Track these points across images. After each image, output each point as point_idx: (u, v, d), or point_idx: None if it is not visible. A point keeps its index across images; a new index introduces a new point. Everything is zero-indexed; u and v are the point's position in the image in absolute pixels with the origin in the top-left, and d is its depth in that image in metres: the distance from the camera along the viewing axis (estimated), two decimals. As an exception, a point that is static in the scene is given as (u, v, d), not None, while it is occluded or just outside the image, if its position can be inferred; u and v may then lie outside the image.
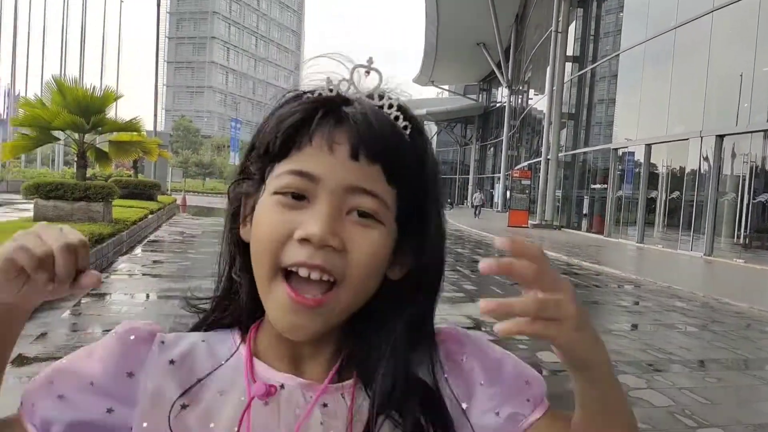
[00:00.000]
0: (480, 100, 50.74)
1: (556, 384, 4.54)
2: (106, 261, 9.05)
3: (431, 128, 56.48)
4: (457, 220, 26.14)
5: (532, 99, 34.66)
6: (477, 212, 30.43)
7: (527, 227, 22.72)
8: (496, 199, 41.25)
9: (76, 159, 13.96)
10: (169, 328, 0.62)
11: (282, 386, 0.57)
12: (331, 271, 0.53)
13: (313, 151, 0.54)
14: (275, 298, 0.54)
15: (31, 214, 11.67)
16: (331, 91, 0.57)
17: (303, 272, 0.52)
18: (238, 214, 0.61)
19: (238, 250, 0.61)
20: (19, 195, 13.41)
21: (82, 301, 6.26)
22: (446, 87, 55.52)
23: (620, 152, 19.32)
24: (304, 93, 0.58)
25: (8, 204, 17.75)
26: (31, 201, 11.69)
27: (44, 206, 11.36)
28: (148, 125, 21.69)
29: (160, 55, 31.32)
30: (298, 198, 0.54)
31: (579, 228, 22.22)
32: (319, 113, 0.54)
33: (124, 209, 13.99)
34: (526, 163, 31.62)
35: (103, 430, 0.56)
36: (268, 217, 0.54)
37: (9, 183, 26.81)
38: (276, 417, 0.56)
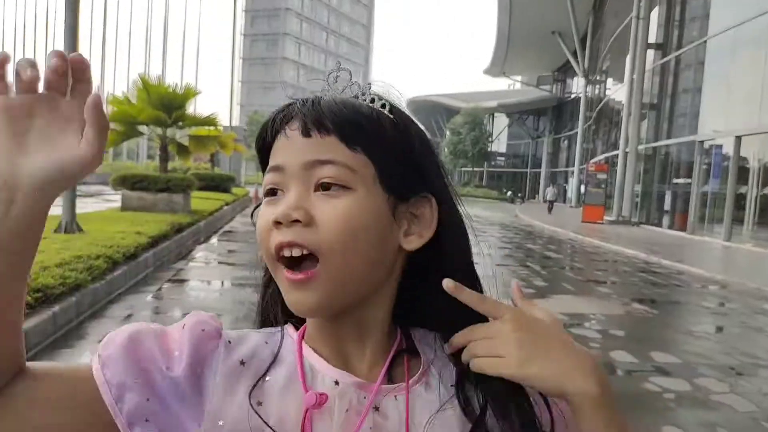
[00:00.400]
0: (554, 91, 49.20)
1: (631, 384, 4.35)
2: (185, 249, 9.49)
3: (502, 121, 55.45)
4: (528, 215, 25.55)
5: (609, 89, 33.24)
6: (550, 207, 29.09)
7: (602, 223, 21.86)
8: (569, 194, 39.95)
9: (158, 152, 14.73)
10: (243, 315, 0.63)
11: (336, 383, 0.58)
12: (303, 243, 0.54)
13: (276, 146, 0.59)
14: (281, 281, 0.57)
15: (118, 204, 12.42)
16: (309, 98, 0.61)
17: (286, 252, 0.55)
18: None
19: None
20: (108, 186, 14.29)
21: (163, 287, 6.60)
22: (518, 78, 54.25)
23: (706, 145, 18.17)
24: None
25: (98, 195, 18.96)
26: (119, 192, 12.44)
27: (130, 197, 12.06)
28: (224, 120, 22.54)
29: (235, 53, 32.40)
30: (275, 193, 0.58)
31: (660, 225, 21.13)
32: (277, 116, 0.60)
33: (201, 201, 14.61)
34: (602, 156, 30.40)
35: (165, 412, 0.55)
36: (259, 219, 0.58)
37: (98, 175, 28.60)
38: (330, 418, 0.57)
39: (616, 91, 29.77)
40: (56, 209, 8.74)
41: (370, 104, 0.59)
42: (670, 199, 20.97)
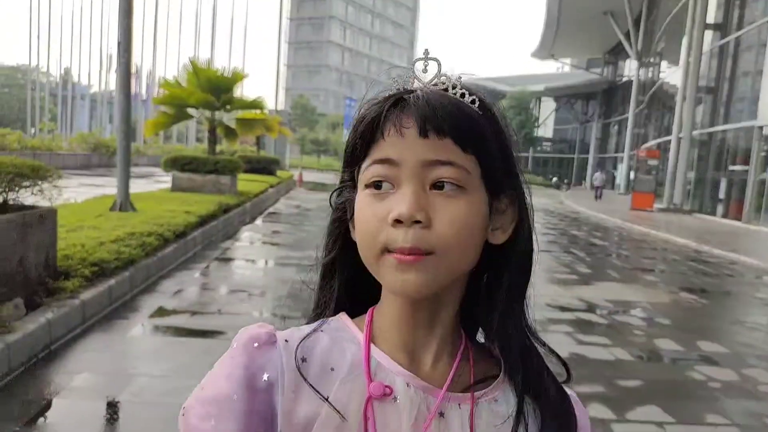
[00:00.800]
0: (604, 74, 47.66)
1: (676, 372, 4.28)
2: (231, 229, 9.75)
3: (549, 105, 54.17)
4: (574, 201, 25.02)
5: (664, 72, 31.99)
6: (598, 194, 27.93)
7: (652, 211, 21.23)
8: (618, 181, 38.85)
9: (207, 135, 15.08)
10: (287, 293, 0.66)
11: (408, 385, 0.60)
12: (422, 248, 0.56)
13: (387, 140, 0.58)
14: (385, 266, 0.58)
15: (169, 185, 12.82)
16: (396, 89, 0.61)
17: (399, 257, 0.56)
18: (340, 220, 0.67)
19: (343, 251, 0.66)
20: (159, 168, 14.75)
21: (211, 265, 6.82)
22: (567, 61, 52.78)
23: (766, 131, 17.34)
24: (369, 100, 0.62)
25: (149, 176, 19.60)
26: (169, 173, 12.83)
27: (180, 178, 12.43)
28: (269, 104, 22.83)
29: (281, 36, 32.67)
30: (384, 185, 0.58)
31: (713, 213, 20.36)
32: (386, 107, 0.59)
33: (247, 182, 14.92)
34: (654, 142, 29.40)
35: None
36: (365, 208, 0.59)
37: (149, 157, 29.54)
38: (398, 415, 0.58)
39: (671, 74, 28.64)
40: (111, 189, 9.11)
41: (463, 99, 0.60)
42: (725, 186, 20.13)
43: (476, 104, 0.61)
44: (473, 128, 0.59)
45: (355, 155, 0.61)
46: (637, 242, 12.68)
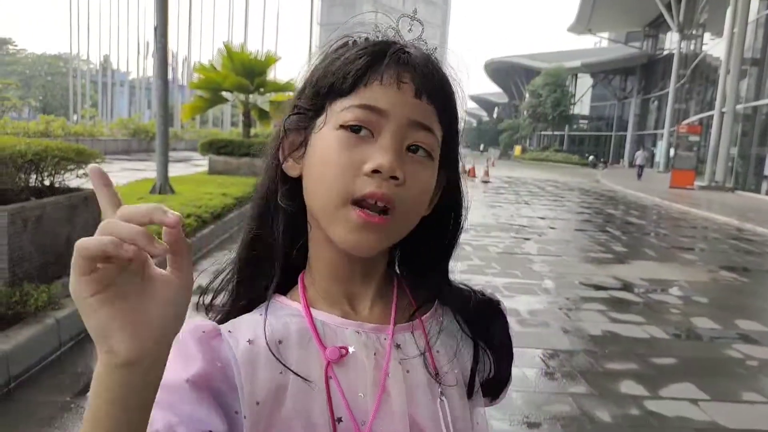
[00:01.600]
0: (644, 47, 46.10)
1: (713, 350, 4.22)
2: (267, 211, 9.92)
3: (586, 81, 52.78)
4: (611, 180, 24.49)
5: (706, 44, 30.81)
6: (639, 173, 26.51)
7: (692, 188, 20.63)
8: (657, 158, 37.77)
9: (242, 119, 15.29)
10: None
11: (358, 332, 0.61)
12: (391, 200, 0.56)
13: (381, 88, 0.57)
14: (345, 220, 0.57)
15: (206, 168, 13.10)
16: (378, 37, 0.62)
17: (371, 201, 0.56)
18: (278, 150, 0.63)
19: (281, 184, 0.63)
20: (196, 152, 15.08)
21: (247, 245, 6.98)
22: (605, 35, 51.26)
23: (816, 103, 16.60)
24: (354, 41, 0.63)
25: (187, 160, 20.03)
26: (206, 157, 13.10)
27: (216, 161, 12.68)
28: (303, 86, 22.85)
29: (313, 18, 32.64)
30: (363, 131, 0.57)
31: (757, 190, 19.66)
32: (388, 54, 0.58)
33: (282, 165, 15.09)
34: (695, 117, 28.45)
35: (217, 419, 0.55)
36: (334, 151, 0.57)
37: (187, 142, 30.14)
38: (358, 365, 0.60)
39: (714, 46, 27.57)
40: (151, 173, 9.37)
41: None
42: (771, 162, 19.42)
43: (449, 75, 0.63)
44: (452, 103, 0.61)
45: (333, 88, 0.59)
46: (676, 221, 12.38)
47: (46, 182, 4.17)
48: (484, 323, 0.69)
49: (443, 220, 0.67)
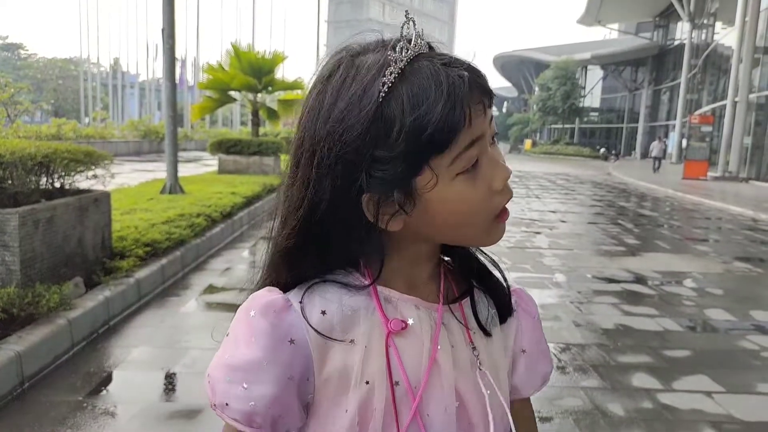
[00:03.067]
0: (654, 38, 45.58)
1: (727, 342, 4.17)
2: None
3: (596, 73, 52.33)
4: (622, 172, 24.27)
5: (718, 33, 30.41)
6: (656, 165, 24.86)
7: (705, 179, 20.40)
8: (669, 150, 37.38)
9: (250, 118, 15.32)
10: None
11: (417, 307, 0.67)
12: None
13: (471, 120, 0.59)
14: (497, 230, 0.65)
15: (215, 167, 13.15)
16: (407, 48, 0.60)
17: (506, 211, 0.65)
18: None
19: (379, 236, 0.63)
20: (205, 152, 15.14)
21: (258, 244, 7.00)
22: (615, 26, 50.72)
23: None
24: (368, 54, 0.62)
25: (197, 160, 20.13)
26: (216, 156, 13.15)
27: (226, 160, 12.72)
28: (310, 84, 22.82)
29: (320, 15, 32.62)
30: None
31: (772, 180, 19.42)
32: (467, 89, 0.58)
33: (291, 163, 15.10)
34: (708, 108, 28.10)
35: (293, 398, 0.63)
36: (466, 195, 0.60)
37: (196, 142, 30.28)
38: (415, 336, 0.66)
39: (726, 36, 27.22)
40: (161, 173, 9.42)
41: None
42: (785, 152, 19.14)
43: None
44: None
45: (433, 147, 0.57)
46: (689, 212, 12.25)
47: (57, 184, 4.21)
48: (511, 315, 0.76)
49: None
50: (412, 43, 0.61)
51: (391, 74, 0.58)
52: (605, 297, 5.16)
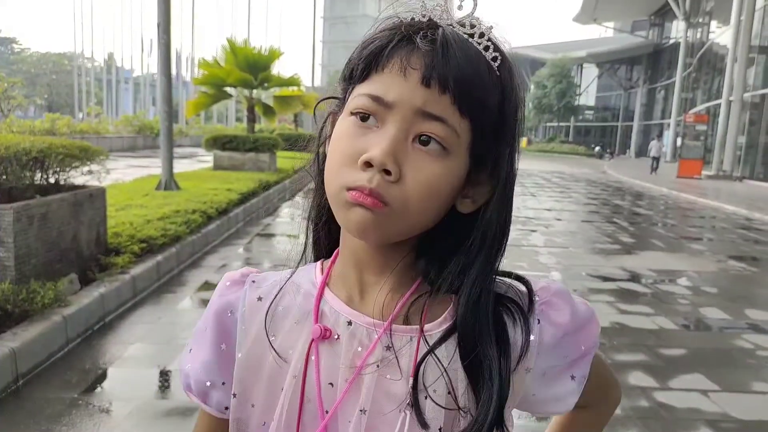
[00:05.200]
0: (650, 37, 45.71)
1: (722, 340, 4.19)
2: (272, 206, 9.93)
3: (591, 72, 52.42)
4: (617, 171, 24.35)
5: (713, 32, 30.52)
6: (654, 165, 23.19)
7: (700, 178, 20.49)
8: (664, 149, 37.54)
9: (246, 114, 15.28)
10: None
11: (349, 323, 0.60)
12: (380, 195, 0.53)
13: (388, 75, 0.55)
14: (343, 201, 0.55)
15: (211, 164, 13.09)
16: (423, 16, 0.57)
17: (361, 194, 0.54)
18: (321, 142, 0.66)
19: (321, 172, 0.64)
20: (199, 148, 15.09)
21: (253, 240, 6.99)
22: (610, 25, 50.83)
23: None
24: (397, 20, 0.58)
25: (192, 156, 20.04)
26: (211, 152, 13.09)
27: (221, 156, 12.67)
28: (306, 81, 22.88)
29: (316, 12, 32.56)
30: (370, 119, 0.55)
31: (766, 180, 19.51)
32: (395, 38, 0.55)
33: (286, 160, 15.08)
34: (702, 107, 28.21)
35: (225, 370, 0.65)
36: (343, 137, 0.57)
37: (191, 138, 30.16)
38: (338, 353, 0.60)
39: (721, 35, 27.32)
40: (156, 169, 9.38)
41: (485, 52, 0.56)
42: (779, 151, 19.25)
43: (497, 62, 0.56)
44: (478, 90, 0.55)
45: (352, 76, 0.58)
46: (684, 210, 12.30)
47: (51, 180, 4.18)
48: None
49: (484, 225, 0.60)
50: (430, 11, 0.58)
51: (389, 18, 0.59)
52: (601, 295, 5.17)
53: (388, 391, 0.58)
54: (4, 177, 3.69)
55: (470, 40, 0.56)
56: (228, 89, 14.60)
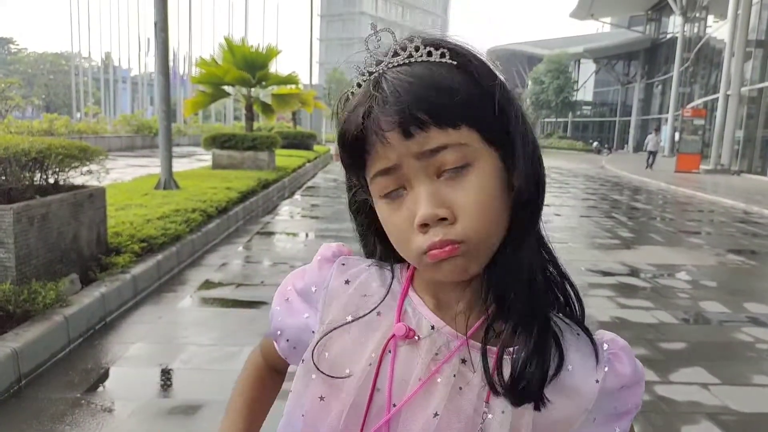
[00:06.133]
0: (647, 32, 45.70)
1: (722, 334, 4.20)
2: (271, 204, 9.93)
3: (589, 67, 52.41)
4: (615, 165, 24.36)
5: (710, 27, 30.55)
6: (651, 160, 22.39)
7: (698, 172, 20.51)
8: (662, 143, 37.56)
9: (244, 112, 15.25)
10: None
11: (432, 327, 0.62)
12: (451, 240, 0.55)
13: (378, 151, 0.57)
14: (424, 265, 0.58)
15: (209, 163, 13.09)
16: (368, 74, 0.59)
17: (437, 252, 0.56)
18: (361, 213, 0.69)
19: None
20: (199, 147, 15.08)
21: (253, 239, 6.99)
22: (607, 20, 50.80)
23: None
24: (353, 88, 0.61)
25: (191, 155, 20.04)
26: (210, 151, 13.08)
27: (220, 155, 12.66)
28: (303, 79, 22.84)
29: (313, 9, 32.45)
30: (396, 192, 0.58)
31: (763, 173, 19.54)
32: (361, 118, 0.57)
33: (285, 158, 15.09)
34: (700, 101, 28.23)
35: (308, 336, 0.68)
36: (390, 218, 0.59)
37: (189, 137, 30.12)
38: (416, 352, 0.61)
39: (718, 29, 27.32)
40: (155, 168, 9.37)
41: (434, 60, 0.57)
42: (777, 145, 19.27)
43: (446, 57, 0.57)
44: (452, 99, 0.55)
45: (354, 169, 0.61)
46: (682, 205, 12.32)
47: (51, 180, 4.17)
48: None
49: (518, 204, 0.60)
50: (388, 56, 0.58)
51: (354, 81, 0.61)
52: (600, 290, 5.18)
53: (458, 403, 0.59)
54: (4, 178, 3.69)
55: (410, 62, 0.57)
56: (226, 88, 14.56)
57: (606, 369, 0.63)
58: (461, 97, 0.55)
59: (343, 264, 0.69)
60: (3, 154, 3.61)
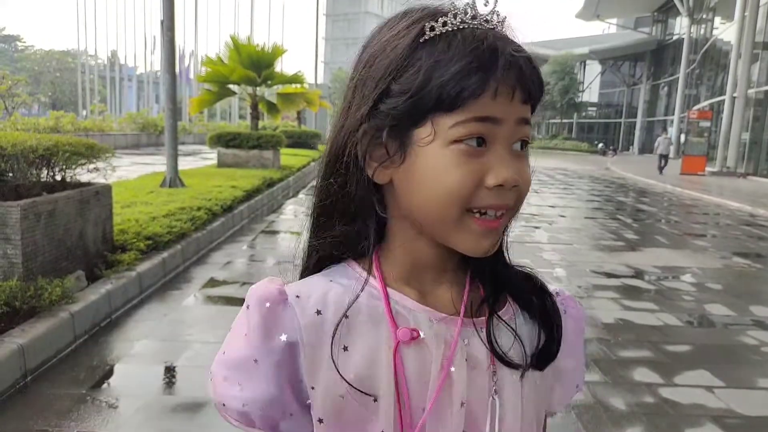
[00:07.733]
0: (653, 33, 45.54)
1: (727, 337, 4.19)
2: (275, 203, 9.95)
3: (594, 68, 52.25)
4: (622, 168, 24.28)
5: (717, 28, 30.41)
6: (662, 164, 20.98)
7: (704, 174, 20.43)
8: (672, 145, 37.41)
9: (249, 111, 15.28)
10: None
11: (430, 320, 0.61)
12: (509, 206, 0.58)
13: (493, 100, 0.55)
14: (467, 230, 0.57)
15: (215, 161, 13.12)
16: (474, 18, 0.57)
17: (491, 213, 0.57)
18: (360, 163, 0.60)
19: (372, 191, 0.61)
20: (204, 145, 15.11)
21: (258, 237, 7.00)
22: (614, 21, 50.66)
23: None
24: (431, 27, 0.56)
25: (196, 153, 20.07)
26: (215, 150, 13.11)
27: (225, 154, 12.69)
28: (309, 78, 22.87)
29: (319, 9, 32.50)
30: (477, 142, 0.56)
31: (770, 176, 19.47)
32: (500, 66, 0.55)
33: (290, 157, 15.11)
34: (706, 103, 28.11)
35: (291, 401, 0.60)
36: (451, 167, 0.55)
37: (194, 135, 30.18)
38: (425, 352, 0.60)
39: (725, 31, 27.20)
40: (161, 167, 9.40)
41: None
42: (783, 147, 19.17)
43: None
44: (542, 87, 0.60)
45: (440, 104, 0.55)
46: (688, 207, 12.28)
47: (58, 177, 4.19)
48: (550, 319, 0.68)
49: None
50: (479, 12, 0.58)
51: (443, 24, 0.56)
52: (605, 292, 5.17)
53: (475, 383, 0.61)
54: (11, 174, 3.71)
55: (524, 49, 0.59)
56: (232, 86, 14.60)
57: (565, 313, 0.69)
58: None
59: (298, 296, 0.60)
60: (11, 151, 3.63)
